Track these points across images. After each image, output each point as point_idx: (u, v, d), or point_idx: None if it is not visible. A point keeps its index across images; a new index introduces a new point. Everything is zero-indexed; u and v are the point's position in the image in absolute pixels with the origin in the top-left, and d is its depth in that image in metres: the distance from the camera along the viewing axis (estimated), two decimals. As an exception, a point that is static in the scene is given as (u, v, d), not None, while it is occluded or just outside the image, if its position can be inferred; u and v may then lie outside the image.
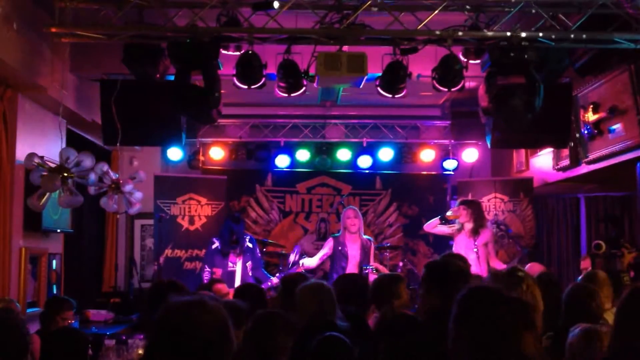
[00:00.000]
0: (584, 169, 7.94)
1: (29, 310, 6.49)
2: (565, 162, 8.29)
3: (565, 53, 6.30)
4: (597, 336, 3.40)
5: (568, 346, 3.49)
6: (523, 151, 9.84)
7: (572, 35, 5.95)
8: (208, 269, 7.67)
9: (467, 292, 2.42)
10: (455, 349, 2.31)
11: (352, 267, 7.95)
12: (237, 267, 7.65)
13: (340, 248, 8.06)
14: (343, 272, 7.66)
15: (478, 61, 6.48)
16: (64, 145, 6.57)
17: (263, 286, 7.17)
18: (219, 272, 7.51)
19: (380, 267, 8.08)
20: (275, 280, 7.59)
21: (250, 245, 7.84)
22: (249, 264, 7.73)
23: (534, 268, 6.12)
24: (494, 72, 6.21)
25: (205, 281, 7.37)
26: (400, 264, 8.99)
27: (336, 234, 8.29)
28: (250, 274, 7.71)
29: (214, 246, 7.84)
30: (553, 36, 6.00)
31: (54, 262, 7.30)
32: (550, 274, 5.16)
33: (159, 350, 2.23)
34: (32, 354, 5.19)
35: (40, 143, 6.76)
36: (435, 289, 3.60)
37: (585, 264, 7.36)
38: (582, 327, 3.56)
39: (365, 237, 8.25)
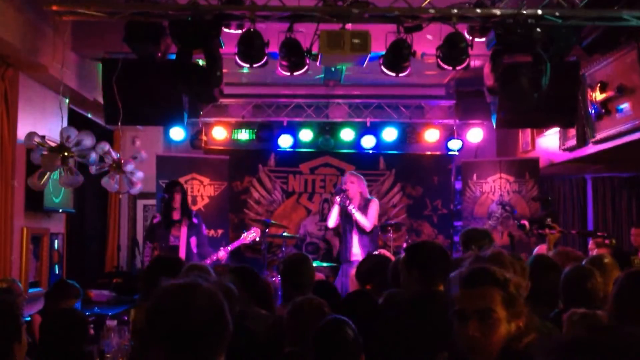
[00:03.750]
0: (591, 149, 7.87)
1: (30, 290, 6.49)
2: (572, 142, 8.22)
3: (572, 31, 6.20)
4: (594, 321, 3.36)
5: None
6: (529, 131, 9.76)
7: (579, 13, 5.85)
8: (149, 245, 7.34)
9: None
10: None
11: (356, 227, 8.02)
12: (181, 242, 7.34)
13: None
14: (350, 233, 7.90)
15: (484, 39, 6.38)
16: (65, 125, 6.52)
17: (207, 261, 7.09)
18: (161, 247, 7.22)
19: (386, 252, 8.03)
20: (221, 253, 7.38)
21: (195, 221, 7.52)
22: (192, 239, 7.44)
23: (542, 249, 6.08)
24: (499, 50, 6.12)
25: (147, 257, 7.22)
26: (404, 244, 8.93)
27: None
28: (194, 250, 7.45)
29: (155, 220, 7.55)
30: (560, 13, 5.90)
31: (56, 242, 7.28)
32: (542, 256, 5.09)
33: (153, 336, 2.19)
34: (33, 334, 5.20)
35: (42, 122, 6.72)
36: (413, 273, 3.59)
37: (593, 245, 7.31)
38: (579, 312, 3.52)
39: (369, 197, 8.29)
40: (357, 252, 7.77)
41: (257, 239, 7.72)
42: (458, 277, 2.65)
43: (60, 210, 7.26)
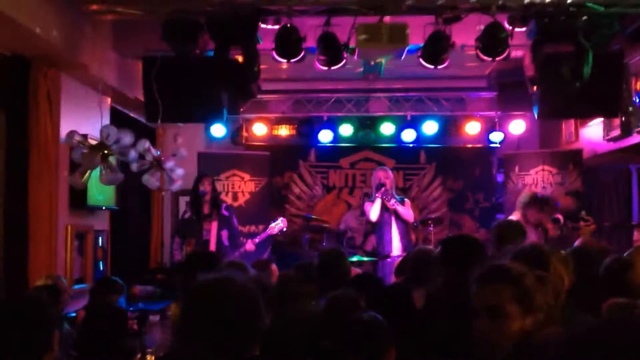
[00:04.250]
0: (635, 139, 7.67)
1: (75, 287, 6.60)
2: (616, 132, 8.02)
3: (615, 19, 6.05)
4: (631, 312, 3.29)
5: None
6: (572, 122, 9.57)
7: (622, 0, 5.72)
8: (178, 240, 7.43)
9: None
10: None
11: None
12: (212, 235, 7.32)
13: None
14: (390, 227, 7.75)
15: (524, 29, 6.27)
16: (105, 123, 6.61)
17: (236, 254, 7.09)
18: (192, 241, 7.25)
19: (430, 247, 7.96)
20: (249, 245, 7.37)
21: (226, 213, 7.50)
22: (224, 232, 7.42)
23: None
24: (540, 40, 6.01)
25: (176, 252, 7.27)
26: (445, 238, 8.84)
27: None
28: (226, 243, 7.41)
29: (186, 215, 7.61)
30: (602, 1, 5.76)
31: (100, 238, 7.39)
32: (584, 247, 4.99)
33: (188, 330, 2.21)
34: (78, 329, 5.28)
35: (83, 121, 6.82)
36: (447, 265, 3.56)
37: (638, 236, 7.15)
38: (615, 302, 3.46)
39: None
40: (397, 246, 7.71)
41: (285, 229, 7.70)
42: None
43: (104, 208, 7.37)
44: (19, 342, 2.42)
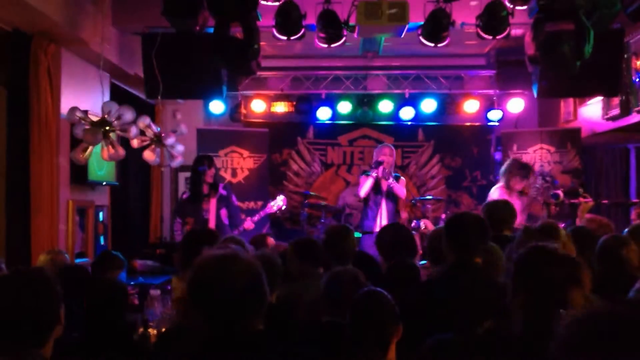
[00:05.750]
0: (634, 118, 7.70)
1: (77, 261, 6.64)
2: (615, 111, 8.05)
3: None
4: None
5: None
6: (571, 100, 9.59)
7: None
8: (179, 220, 7.39)
9: (526, 250, 2.69)
10: (512, 302, 2.61)
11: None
12: (211, 214, 7.27)
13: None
14: (380, 205, 7.77)
15: (525, 7, 6.27)
16: (106, 99, 6.62)
17: (235, 232, 7.02)
18: (191, 221, 7.21)
19: (428, 222, 8.00)
20: (248, 223, 7.30)
21: (224, 192, 7.43)
22: (223, 211, 7.38)
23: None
24: (541, 18, 6.01)
25: (178, 232, 7.31)
26: (443, 216, 8.90)
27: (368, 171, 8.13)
28: (226, 222, 7.37)
29: (184, 196, 7.57)
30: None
31: (101, 214, 7.43)
32: (583, 227, 5.05)
33: (193, 304, 2.25)
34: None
35: (84, 97, 6.83)
36: (450, 243, 3.59)
37: (635, 216, 7.19)
38: None
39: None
40: (384, 224, 7.69)
41: (284, 207, 7.66)
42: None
43: (104, 183, 7.40)
44: (30, 315, 2.44)
